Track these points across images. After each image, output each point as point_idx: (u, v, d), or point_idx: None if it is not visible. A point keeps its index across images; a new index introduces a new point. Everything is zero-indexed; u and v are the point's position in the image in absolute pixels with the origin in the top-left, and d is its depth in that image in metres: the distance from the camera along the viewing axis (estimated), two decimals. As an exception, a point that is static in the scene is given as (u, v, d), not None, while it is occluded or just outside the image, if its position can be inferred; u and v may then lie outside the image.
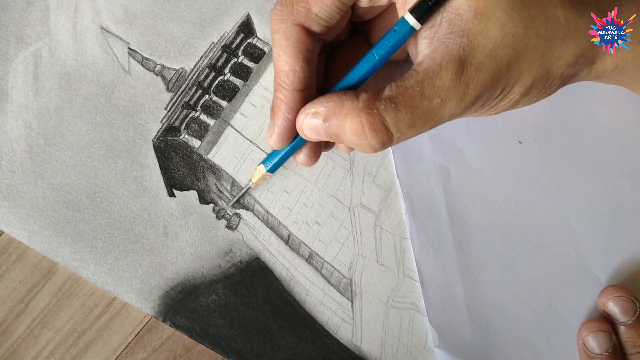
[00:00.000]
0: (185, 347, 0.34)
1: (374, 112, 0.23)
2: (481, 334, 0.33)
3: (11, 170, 0.34)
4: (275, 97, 0.27)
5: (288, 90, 0.26)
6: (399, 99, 0.23)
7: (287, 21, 0.25)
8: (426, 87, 0.23)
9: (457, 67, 0.23)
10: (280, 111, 0.27)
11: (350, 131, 0.24)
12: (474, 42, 0.23)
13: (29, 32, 0.35)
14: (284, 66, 0.26)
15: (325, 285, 0.35)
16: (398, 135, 0.24)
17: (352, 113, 0.24)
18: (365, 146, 0.24)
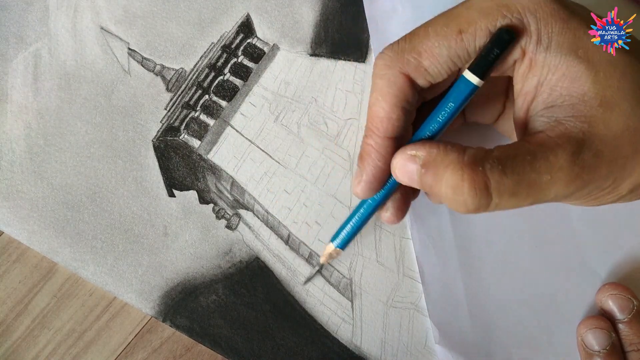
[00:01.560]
0: (185, 347, 0.34)
1: (478, 169, 0.22)
2: (482, 331, 0.33)
3: (11, 170, 0.34)
4: (364, 144, 0.26)
5: (380, 137, 0.25)
6: (508, 162, 0.22)
7: (394, 68, 0.24)
8: (538, 159, 0.22)
9: (574, 149, 0.22)
10: (370, 158, 0.26)
11: (447, 184, 0.23)
12: (595, 129, 0.22)
13: (29, 32, 0.35)
14: (379, 112, 0.25)
15: (325, 285, 0.35)
16: (497, 201, 0.22)
17: (454, 165, 0.23)
18: (459, 204, 0.23)
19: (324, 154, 0.35)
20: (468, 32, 0.23)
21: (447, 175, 0.23)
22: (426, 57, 0.24)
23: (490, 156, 0.22)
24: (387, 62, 0.25)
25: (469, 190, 0.22)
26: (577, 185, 0.23)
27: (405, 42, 0.24)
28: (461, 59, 0.24)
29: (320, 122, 0.36)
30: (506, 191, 0.22)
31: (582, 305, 0.34)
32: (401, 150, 0.25)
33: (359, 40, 0.36)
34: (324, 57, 0.36)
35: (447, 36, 0.23)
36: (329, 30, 0.36)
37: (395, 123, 0.25)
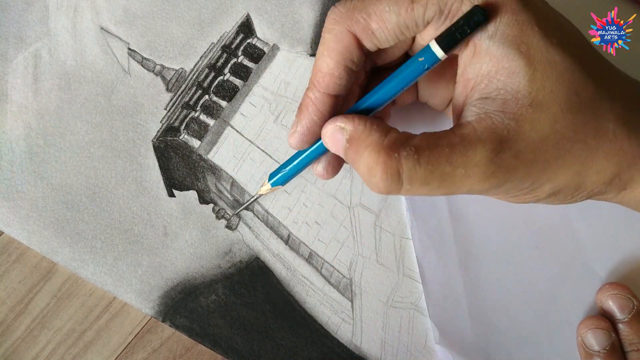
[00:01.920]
0: (185, 347, 0.34)
1: (394, 155, 0.22)
2: (482, 331, 0.33)
3: (11, 170, 0.34)
4: (305, 96, 0.26)
5: (320, 92, 0.26)
6: (424, 152, 0.22)
7: (342, 24, 0.24)
8: (456, 153, 0.22)
9: (494, 147, 0.22)
10: (308, 111, 0.26)
11: (364, 163, 0.23)
12: (521, 129, 0.22)
13: (29, 32, 0.35)
14: (323, 67, 0.25)
15: (325, 285, 0.35)
16: (408, 187, 0.23)
17: (373, 146, 0.23)
18: (371, 184, 0.23)
19: (324, 154, 0.35)
20: (419, 3, 0.23)
21: (366, 154, 0.23)
22: (375, 19, 0.24)
23: (409, 143, 0.23)
24: (337, 17, 0.24)
25: (382, 173, 0.23)
26: (492, 183, 0.23)
27: (358, 1, 0.24)
28: (409, 29, 0.24)
29: (320, 122, 0.36)
30: (417, 179, 0.23)
31: (582, 305, 0.34)
32: (332, 120, 0.25)
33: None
34: (324, 57, 0.36)
35: (398, 2, 0.23)
36: (329, 30, 0.36)
37: (336, 80, 0.25)
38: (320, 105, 0.26)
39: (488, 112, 0.23)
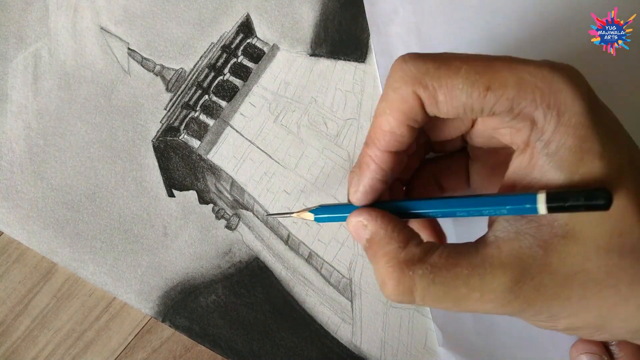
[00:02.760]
0: (185, 347, 0.34)
1: (408, 273, 0.22)
2: (485, 333, 0.33)
3: (11, 170, 0.34)
4: (365, 153, 0.25)
5: (381, 151, 0.25)
6: (440, 272, 0.22)
7: (409, 86, 0.23)
8: (474, 276, 0.21)
9: (516, 276, 0.21)
10: (369, 170, 0.25)
11: (378, 272, 0.23)
12: (548, 260, 0.21)
13: (29, 32, 0.35)
14: (384, 125, 0.24)
15: (325, 285, 0.35)
16: (421, 302, 0.22)
17: (389, 258, 0.23)
18: (384, 293, 0.23)
19: (323, 154, 0.35)
20: (494, 93, 0.22)
21: (381, 264, 0.23)
22: (444, 92, 0.22)
23: (426, 261, 0.22)
24: (405, 77, 0.23)
25: (395, 288, 0.22)
26: (506, 311, 0.22)
27: (433, 65, 0.23)
28: (473, 112, 0.23)
29: (320, 122, 0.36)
30: (430, 298, 0.22)
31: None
32: (357, 213, 0.25)
33: (358, 40, 0.36)
34: (324, 57, 0.36)
35: (474, 85, 0.22)
36: (328, 30, 0.36)
37: (399, 139, 0.24)
38: (382, 163, 0.25)
39: (518, 233, 0.22)
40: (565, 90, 0.21)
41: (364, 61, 0.36)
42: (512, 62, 0.22)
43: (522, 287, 0.21)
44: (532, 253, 0.21)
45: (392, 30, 0.35)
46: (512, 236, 0.22)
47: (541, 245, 0.21)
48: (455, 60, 0.22)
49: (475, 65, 0.22)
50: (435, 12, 0.35)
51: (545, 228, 0.21)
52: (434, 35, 0.35)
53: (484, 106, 0.22)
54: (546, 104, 0.21)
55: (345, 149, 0.35)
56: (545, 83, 0.21)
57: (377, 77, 0.36)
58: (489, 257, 0.22)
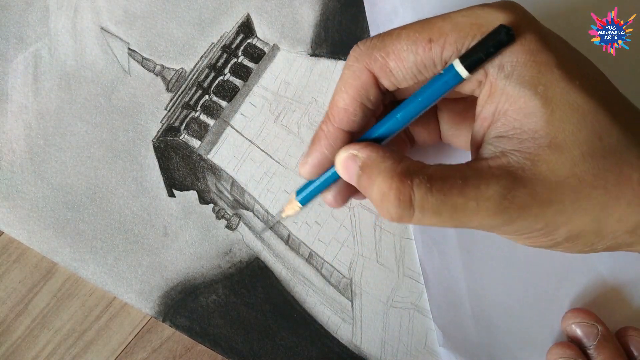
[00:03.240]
0: (185, 347, 0.34)
1: (407, 182, 0.22)
2: (486, 333, 0.33)
3: (11, 170, 0.34)
4: (319, 128, 0.26)
5: (334, 127, 0.26)
6: (436, 182, 0.22)
7: (361, 62, 0.25)
8: (469, 185, 0.22)
9: (508, 183, 0.22)
10: (320, 144, 0.26)
11: (377, 189, 0.23)
12: (537, 169, 0.22)
13: (29, 32, 0.35)
14: (339, 102, 0.25)
15: (325, 285, 0.35)
16: (420, 216, 0.23)
17: (386, 173, 0.23)
18: (384, 210, 0.23)
19: (324, 154, 0.35)
20: (437, 43, 0.23)
21: (379, 180, 0.23)
22: (393, 58, 0.24)
23: (423, 172, 0.23)
24: (357, 55, 0.25)
25: (394, 199, 0.23)
26: (504, 219, 0.22)
27: (378, 40, 0.24)
28: (427, 69, 0.24)
29: (320, 122, 0.36)
30: (429, 208, 0.22)
31: (586, 306, 0.34)
32: (346, 147, 0.25)
33: (358, 40, 0.36)
34: (324, 57, 0.36)
35: (416, 42, 0.23)
36: (329, 30, 0.36)
37: (351, 117, 0.25)
38: (332, 139, 0.26)
39: (504, 151, 0.23)
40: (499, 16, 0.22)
41: (364, 61, 0.36)
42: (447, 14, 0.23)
43: (515, 193, 0.22)
44: (521, 165, 0.22)
45: (392, 30, 0.36)
46: (499, 154, 0.23)
47: (528, 157, 0.22)
48: (396, 29, 0.24)
49: (414, 26, 0.24)
50: (435, 13, 0.35)
51: (528, 142, 0.22)
52: (434, 35, 0.35)
53: (434, 58, 0.23)
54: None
55: (346, 149, 0.35)
56: (480, 18, 0.22)
57: (377, 77, 0.36)
58: (481, 169, 0.22)
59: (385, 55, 0.24)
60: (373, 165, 0.24)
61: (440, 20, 0.23)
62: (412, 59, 0.24)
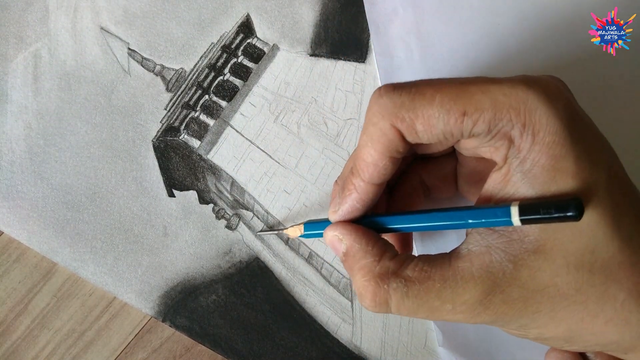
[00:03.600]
0: (185, 347, 0.34)
1: (383, 286, 0.23)
2: (485, 333, 0.33)
3: (11, 170, 0.34)
4: (349, 180, 0.26)
5: (364, 182, 0.25)
6: (414, 285, 0.23)
7: (387, 120, 0.23)
8: (447, 289, 0.22)
9: (486, 289, 0.22)
10: (351, 197, 0.26)
11: (355, 284, 0.24)
12: (518, 274, 0.22)
13: (29, 32, 0.35)
14: (367, 157, 0.24)
15: (325, 285, 0.35)
16: (396, 313, 0.24)
17: (364, 272, 0.24)
18: (361, 301, 0.24)
19: (323, 154, 0.35)
20: (471, 118, 0.22)
21: (357, 277, 0.24)
22: (421, 122, 0.23)
23: (400, 274, 0.23)
24: (382, 111, 0.23)
25: (370, 301, 0.24)
26: (477, 321, 0.23)
27: (407, 98, 0.23)
28: (453, 137, 0.23)
29: (320, 122, 0.36)
30: (405, 309, 0.23)
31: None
32: (333, 227, 0.26)
33: (358, 40, 0.36)
34: (324, 57, 0.36)
35: (449, 112, 0.22)
36: (329, 30, 0.36)
37: (381, 170, 0.25)
38: (363, 194, 0.25)
39: (489, 247, 0.22)
40: (539, 109, 0.21)
41: (364, 61, 0.36)
42: (485, 83, 0.22)
43: (491, 299, 0.22)
44: (502, 267, 0.22)
45: (392, 30, 0.36)
46: (484, 250, 0.22)
47: (511, 259, 0.22)
48: (429, 89, 0.23)
49: (449, 92, 0.22)
50: (435, 12, 0.35)
51: (516, 243, 0.22)
52: (434, 35, 0.35)
53: (463, 131, 0.22)
54: (521, 123, 0.21)
55: (346, 149, 0.35)
56: (520, 102, 0.21)
57: (377, 77, 0.36)
58: (461, 271, 0.22)
59: (414, 118, 0.23)
60: (354, 258, 0.24)
61: (479, 92, 0.22)
62: (442, 128, 0.23)
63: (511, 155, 0.22)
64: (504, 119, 0.22)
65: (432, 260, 0.23)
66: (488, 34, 0.35)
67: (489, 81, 0.22)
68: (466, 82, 0.23)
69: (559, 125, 0.21)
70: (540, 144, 0.21)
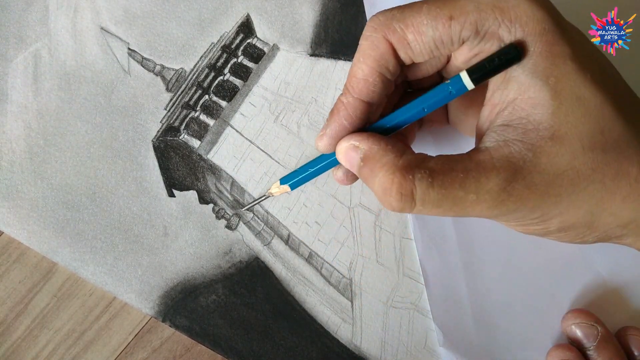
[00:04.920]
0: (185, 347, 0.34)
1: (408, 177, 0.23)
2: (486, 333, 0.33)
3: (11, 170, 0.34)
4: (338, 100, 0.26)
5: (353, 97, 0.26)
6: (437, 176, 0.23)
7: (379, 32, 0.24)
8: (469, 179, 0.23)
9: (508, 176, 0.22)
10: (339, 115, 0.26)
11: (379, 182, 0.24)
12: (538, 161, 0.22)
13: (29, 32, 0.35)
14: (358, 73, 0.25)
15: (325, 285, 0.35)
16: (421, 207, 0.23)
17: (388, 167, 0.23)
18: (385, 202, 0.24)
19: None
20: (457, 21, 0.23)
21: (381, 174, 0.24)
22: (412, 30, 0.24)
23: (424, 166, 0.23)
24: (375, 25, 0.25)
25: (396, 194, 0.23)
26: (501, 211, 0.23)
27: (398, 11, 0.24)
28: (444, 45, 0.24)
29: (320, 122, 0.36)
30: (430, 202, 0.23)
31: (585, 306, 0.34)
32: (347, 138, 0.26)
33: (358, 40, 0.36)
34: (324, 57, 0.36)
35: (437, 17, 0.23)
36: (329, 30, 0.36)
37: (370, 87, 0.25)
38: (352, 110, 0.26)
39: (507, 140, 0.23)
40: (523, 3, 0.22)
41: (364, 61, 0.36)
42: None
43: (514, 186, 0.22)
44: (522, 156, 0.22)
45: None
46: (502, 144, 0.23)
47: (530, 148, 0.22)
48: (417, 2, 0.24)
49: (436, 1, 0.24)
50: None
51: (532, 132, 0.23)
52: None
53: (452, 35, 0.23)
54: (508, 19, 0.22)
55: (346, 149, 0.35)
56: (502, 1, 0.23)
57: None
58: (482, 162, 0.23)
59: (405, 27, 0.24)
60: (375, 158, 0.24)
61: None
62: (431, 34, 0.24)
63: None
64: (489, 18, 0.23)
65: (452, 156, 0.24)
66: (488, 34, 0.35)
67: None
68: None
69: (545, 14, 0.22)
70: (531, 34, 0.22)
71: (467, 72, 0.24)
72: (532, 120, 0.23)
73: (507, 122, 0.23)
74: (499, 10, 0.23)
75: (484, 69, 0.23)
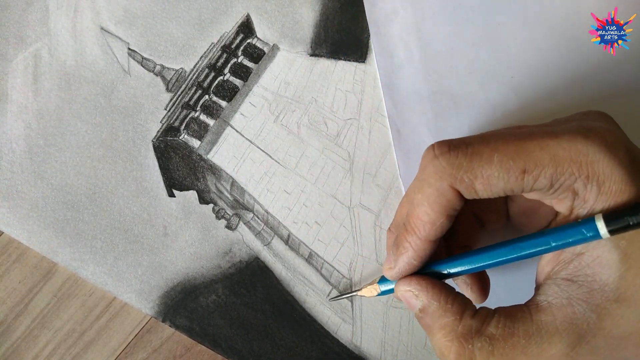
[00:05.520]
0: (185, 347, 0.34)
1: (468, 346, 0.22)
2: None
3: (11, 170, 0.34)
4: (403, 238, 0.25)
5: (420, 240, 0.25)
6: (498, 344, 0.22)
7: (445, 181, 0.23)
8: (532, 345, 0.22)
9: (572, 342, 0.22)
10: (407, 254, 0.25)
11: (436, 343, 0.23)
12: (602, 324, 0.22)
13: (29, 32, 0.35)
14: (424, 217, 0.24)
15: (325, 285, 0.35)
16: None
17: (447, 331, 0.23)
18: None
19: (323, 154, 0.35)
20: (531, 175, 0.22)
21: (439, 337, 0.23)
22: (481, 182, 0.23)
23: (484, 333, 0.23)
24: (440, 173, 0.23)
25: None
26: None
27: (465, 159, 0.23)
28: (513, 192, 0.23)
29: (320, 122, 0.36)
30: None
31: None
32: (407, 282, 0.25)
33: (359, 40, 0.36)
34: (324, 57, 0.36)
35: (509, 171, 0.22)
36: (329, 30, 0.36)
37: (438, 228, 0.24)
38: (420, 251, 0.25)
39: (571, 299, 0.22)
40: (602, 160, 0.21)
41: (364, 61, 0.36)
42: (543, 138, 0.22)
43: (578, 351, 0.22)
44: (586, 318, 0.22)
45: (392, 30, 0.36)
46: (565, 302, 0.22)
47: (594, 310, 0.22)
48: (486, 148, 0.23)
49: (507, 150, 0.22)
50: (435, 12, 0.35)
51: (597, 293, 0.22)
52: (434, 35, 0.35)
53: (524, 187, 0.22)
54: (585, 176, 0.22)
55: (346, 149, 0.35)
56: (581, 155, 0.22)
57: (377, 77, 0.36)
58: (545, 325, 0.22)
59: (474, 179, 0.23)
60: (433, 317, 0.24)
61: (538, 148, 0.22)
62: (502, 186, 0.23)
63: (577, 206, 0.22)
64: (565, 172, 0.22)
65: (513, 314, 0.23)
66: (488, 34, 0.35)
67: (547, 135, 0.22)
68: (523, 138, 0.23)
69: (624, 174, 0.21)
70: (607, 193, 0.21)
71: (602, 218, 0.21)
72: (598, 280, 0.22)
73: (571, 276, 0.23)
74: (575, 165, 0.22)
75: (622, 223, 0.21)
